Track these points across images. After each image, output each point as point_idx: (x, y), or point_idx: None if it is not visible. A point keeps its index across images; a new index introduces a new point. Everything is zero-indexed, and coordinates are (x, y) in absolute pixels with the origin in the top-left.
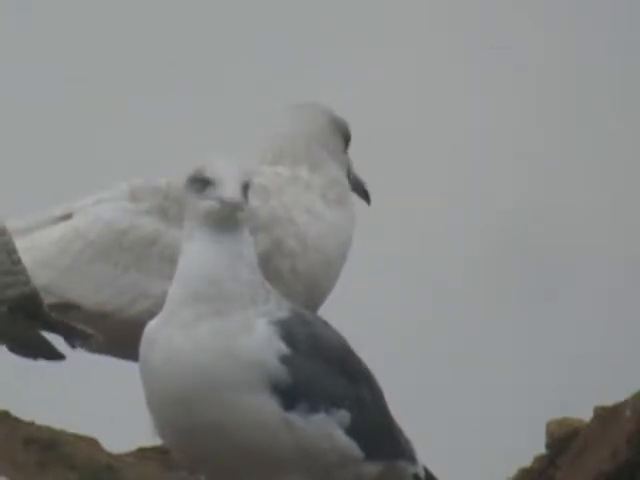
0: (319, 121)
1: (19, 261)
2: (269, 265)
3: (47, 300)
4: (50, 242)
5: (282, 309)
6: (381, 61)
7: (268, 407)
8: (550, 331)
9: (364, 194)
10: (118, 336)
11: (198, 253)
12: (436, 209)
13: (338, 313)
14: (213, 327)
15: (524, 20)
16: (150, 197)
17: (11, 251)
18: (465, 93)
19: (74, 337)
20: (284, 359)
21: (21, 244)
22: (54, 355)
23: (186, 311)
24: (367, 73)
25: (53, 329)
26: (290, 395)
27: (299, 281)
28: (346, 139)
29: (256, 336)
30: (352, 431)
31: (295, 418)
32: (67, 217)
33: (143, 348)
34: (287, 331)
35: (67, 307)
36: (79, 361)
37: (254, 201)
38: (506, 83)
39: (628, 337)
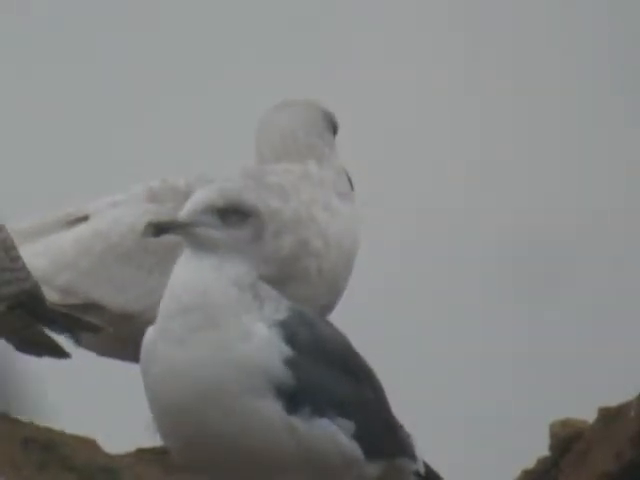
0: (315, 114)
1: (18, 258)
2: (297, 266)
3: (67, 300)
4: (69, 244)
5: (280, 310)
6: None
7: (272, 411)
8: (552, 331)
9: (349, 182)
10: (139, 337)
11: (183, 269)
12: (436, 210)
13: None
14: (209, 339)
15: (528, 22)
16: (171, 198)
17: (9, 248)
18: (465, 94)
19: (82, 329)
20: (287, 362)
21: (33, 246)
22: (59, 353)
23: (179, 324)
24: (368, 74)
25: (56, 325)
26: (294, 398)
27: (324, 281)
28: (334, 130)
29: (256, 341)
30: (355, 433)
31: (298, 421)
32: (82, 220)
33: (143, 360)
34: (289, 332)
35: (89, 307)
36: (79, 361)
37: (274, 202)
38: (506, 83)
39: (631, 337)
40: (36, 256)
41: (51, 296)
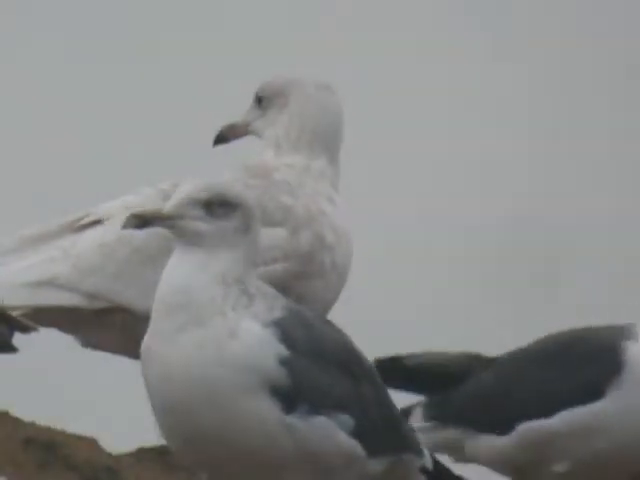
0: (339, 108)
1: None
2: (314, 261)
3: (94, 305)
4: (92, 249)
5: (275, 309)
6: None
7: (267, 410)
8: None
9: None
10: None
11: (169, 267)
12: (436, 208)
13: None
14: (196, 338)
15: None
16: None
17: None
18: (464, 92)
19: (15, 329)
20: (283, 361)
21: (46, 251)
22: (6, 348)
23: (167, 324)
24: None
25: (6, 324)
26: (290, 397)
27: (336, 274)
28: None
29: (245, 339)
30: (355, 431)
31: (295, 421)
32: (94, 223)
33: (142, 362)
34: (284, 331)
35: (116, 311)
36: (79, 361)
37: (286, 199)
38: (507, 81)
39: None
40: (55, 261)
41: (76, 301)
